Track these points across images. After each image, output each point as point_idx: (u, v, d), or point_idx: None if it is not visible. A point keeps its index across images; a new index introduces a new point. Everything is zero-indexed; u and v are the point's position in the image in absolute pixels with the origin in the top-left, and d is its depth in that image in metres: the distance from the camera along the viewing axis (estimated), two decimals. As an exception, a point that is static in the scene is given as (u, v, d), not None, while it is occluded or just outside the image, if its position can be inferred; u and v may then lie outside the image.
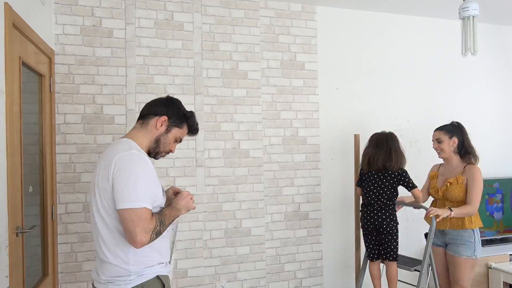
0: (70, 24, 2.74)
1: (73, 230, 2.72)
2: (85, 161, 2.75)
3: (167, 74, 2.94)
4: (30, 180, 2.19)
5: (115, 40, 2.83)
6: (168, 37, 2.94)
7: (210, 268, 3.01)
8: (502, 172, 3.84)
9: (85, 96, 2.76)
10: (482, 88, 3.82)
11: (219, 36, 3.06)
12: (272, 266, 3.17)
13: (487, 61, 3.82)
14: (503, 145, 3.88)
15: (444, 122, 3.80)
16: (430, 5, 3.36)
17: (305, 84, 3.27)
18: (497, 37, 3.89)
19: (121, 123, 2.83)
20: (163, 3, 2.94)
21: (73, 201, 2.72)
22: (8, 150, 1.78)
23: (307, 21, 3.29)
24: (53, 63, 2.66)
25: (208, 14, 3.04)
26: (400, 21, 3.56)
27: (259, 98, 3.15)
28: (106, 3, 2.82)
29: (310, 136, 3.28)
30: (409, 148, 3.54)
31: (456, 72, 3.71)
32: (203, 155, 3.01)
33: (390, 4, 3.33)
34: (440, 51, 3.65)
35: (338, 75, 3.37)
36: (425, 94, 3.62)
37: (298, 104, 3.25)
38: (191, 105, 2.98)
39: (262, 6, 3.17)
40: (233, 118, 3.08)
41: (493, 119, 3.86)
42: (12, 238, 1.80)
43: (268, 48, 3.18)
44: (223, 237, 3.04)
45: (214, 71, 3.05)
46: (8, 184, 1.78)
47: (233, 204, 3.07)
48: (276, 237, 3.17)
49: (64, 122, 2.72)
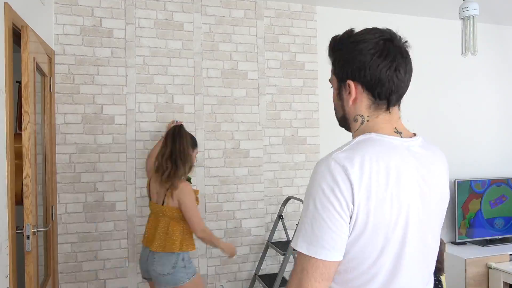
0: (70, 24, 2.74)
1: (73, 230, 2.72)
2: (85, 161, 2.75)
3: (167, 74, 2.94)
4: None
5: (115, 40, 2.83)
6: (168, 37, 2.94)
7: (210, 268, 3.01)
8: (503, 172, 3.84)
9: (85, 96, 2.76)
10: (482, 88, 3.82)
11: (219, 36, 3.06)
12: (272, 266, 3.17)
13: (487, 61, 3.82)
14: (503, 145, 3.88)
15: (444, 121, 3.80)
16: (430, 5, 3.36)
17: (305, 84, 3.27)
18: (497, 37, 3.89)
19: (121, 123, 2.83)
20: (163, 3, 2.94)
21: (73, 201, 2.72)
22: (8, 150, 1.78)
23: (307, 21, 3.29)
24: (53, 63, 2.66)
25: (208, 14, 3.04)
26: (400, 21, 3.56)
27: (259, 98, 3.15)
28: (106, 3, 2.82)
29: (310, 136, 3.28)
30: (409, 148, 3.54)
31: (456, 72, 3.71)
32: (203, 155, 3.01)
33: (390, 4, 3.33)
34: (440, 51, 3.65)
35: (338, 75, 3.36)
36: (425, 94, 3.62)
37: (298, 104, 3.25)
38: (191, 105, 2.98)
39: (262, 6, 3.17)
40: (233, 118, 3.08)
41: (493, 119, 3.86)
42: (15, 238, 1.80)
43: (268, 48, 3.18)
44: (223, 237, 3.04)
45: (214, 71, 3.05)
46: (9, 184, 1.78)
47: (233, 204, 3.07)
48: (275, 237, 3.17)
49: (64, 122, 2.72)
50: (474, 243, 3.61)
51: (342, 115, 1.09)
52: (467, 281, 3.25)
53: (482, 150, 3.81)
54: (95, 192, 2.75)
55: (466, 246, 3.57)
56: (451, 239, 3.65)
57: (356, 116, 1.04)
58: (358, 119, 1.05)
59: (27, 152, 1.90)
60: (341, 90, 1.05)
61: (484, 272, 3.38)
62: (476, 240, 3.60)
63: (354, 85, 1.01)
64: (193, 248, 2.30)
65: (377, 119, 1.02)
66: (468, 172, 3.73)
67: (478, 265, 3.30)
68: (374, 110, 1.02)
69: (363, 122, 1.04)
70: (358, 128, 1.05)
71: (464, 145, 3.73)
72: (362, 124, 1.04)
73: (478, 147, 3.79)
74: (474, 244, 3.60)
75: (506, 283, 3.30)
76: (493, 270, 3.36)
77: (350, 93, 1.02)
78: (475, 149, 3.77)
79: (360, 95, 1.02)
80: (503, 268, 3.31)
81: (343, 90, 1.04)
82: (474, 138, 3.78)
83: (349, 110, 1.06)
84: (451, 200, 3.61)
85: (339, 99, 1.08)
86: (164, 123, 2.89)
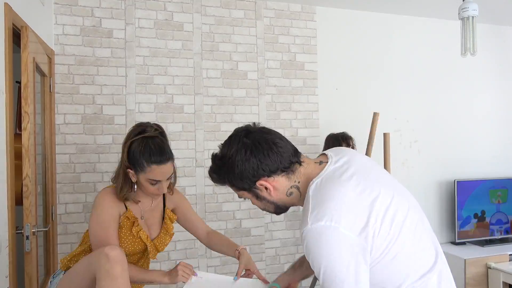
0: (70, 25, 2.74)
1: (73, 230, 2.72)
2: (85, 161, 2.75)
3: (167, 74, 2.94)
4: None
5: (115, 41, 2.83)
6: (168, 37, 2.95)
7: (210, 268, 3.01)
8: (502, 172, 3.84)
9: (85, 96, 2.76)
10: (481, 88, 3.82)
11: (218, 37, 3.07)
12: (272, 266, 3.17)
13: (487, 61, 3.82)
14: (502, 145, 3.88)
15: (443, 121, 3.79)
16: (430, 5, 3.36)
17: (304, 84, 3.27)
18: (496, 37, 3.89)
19: (121, 123, 2.83)
20: (163, 4, 2.94)
21: (73, 201, 2.72)
22: (8, 150, 1.78)
23: (306, 22, 3.29)
24: (53, 63, 2.66)
25: (208, 15, 3.04)
26: (400, 21, 3.57)
27: (258, 98, 3.15)
28: (106, 4, 2.82)
29: (310, 136, 3.28)
30: (409, 148, 3.54)
31: (456, 72, 3.71)
32: (202, 155, 3.01)
33: (390, 4, 3.34)
34: (439, 51, 3.65)
35: (338, 75, 3.37)
36: (425, 94, 3.62)
37: (298, 105, 3.25)
38: (191, 105, 2.98)
39: (261, 7, 3.18)
40: (233, 118, 3.08)
41: (493, 119, 3.86)
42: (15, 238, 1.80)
43: (268, 48, 3.19)
44: (223, 237, 3.04)
45: (214, 71, 3.05)
46: (8, 184, 1.78)
47: (233, 204, 3.07)
48: (275, 237, 3.18)
49: (64, 122, 2.72)
50: (473, 243, 3.61)
51: (277, 206, 1.21)
52: (467, 281, 3.25)
53: (482, 150, 3.81)
54: (95, 192, 2.75)
55: (466, 246, 3.57)
56: (450, 239, 3.65)
57: (288, 190, 1.17)
58: (293, 190, 1.18)
59: (27, 152, 1.90)
60: (256, 192, 1.18)
61: (484, 272, 3.38)
62: (475, 240, 3.60)
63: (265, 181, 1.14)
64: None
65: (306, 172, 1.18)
66: (468, 172, 3.73)
67: (478, 265, 3.30)
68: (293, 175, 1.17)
69: (298, 187, 1.17)
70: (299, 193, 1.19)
71: (464, 145, 3.73)
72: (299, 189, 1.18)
73: (478, 147, 3.79)
74: (473, 244, 3.60)
75: (505, 283, 3.30)
76: (492, 270, 3.36)
77: (267, 188, 1.15)
78: (474, 149, 3.77)
79: (274, 183, 1.15)
80: (502, 268, 3.31)
81: (259, 191, 1.16)
82: (473, 138, 3.78)
83: (277, 196, 1.18)
84: (451, 200, 3.62)
85: (259, 200, 1.20)
86: (164, 123, 2.89)
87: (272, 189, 1.14)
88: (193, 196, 2.96)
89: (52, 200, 2.61)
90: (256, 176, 1.12)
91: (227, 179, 1.16)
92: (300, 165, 1.16)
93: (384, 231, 1.03)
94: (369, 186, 1.07)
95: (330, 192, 1.05)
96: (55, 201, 2.66)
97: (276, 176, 1.13)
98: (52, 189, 2.61)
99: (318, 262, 1.00)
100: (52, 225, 2.59)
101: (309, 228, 1.01)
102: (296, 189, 1.16)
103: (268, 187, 1.13)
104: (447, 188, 3.65)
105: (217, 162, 1.18)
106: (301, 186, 1.15)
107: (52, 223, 2.60)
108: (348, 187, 1.06)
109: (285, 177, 1.14)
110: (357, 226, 1.01)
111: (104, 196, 1.65)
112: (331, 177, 1.10)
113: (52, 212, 2.59)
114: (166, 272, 1.64)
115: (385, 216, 1.03)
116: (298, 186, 1.15)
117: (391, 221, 1.04)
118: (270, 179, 1.13)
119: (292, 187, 1.15)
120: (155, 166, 1.55)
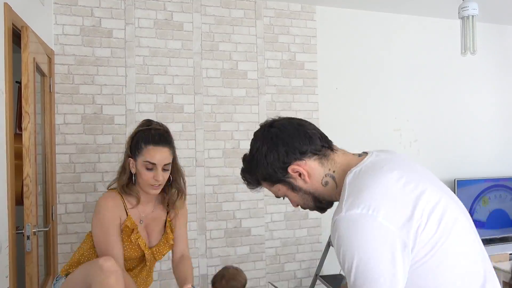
0: (69, 25, 2.74)
1: (73, 230, 2.72)
2: (85, 161, 2.75)
3: (167, 74, 2.94)
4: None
5: (114, 40, 2.83)
6: (168, 37, 2.95)
7: (210, 268, 3.01)
8: (502, 171, 3.84)
9: (85, 96, 2.76)
10: (481, 88, 3.82)
11: (218, 36, 3.06)
12: (272, 266, 3.17)
13: (487, 60, 3.82)
14: (503, 145, 3.88)
15: (443, 121, 3.80)
16: (430, 4, 3.36)
17: (304, 84, 3.27)
18: (496, 36, 3.89)
19: (120, 123, 2.83)
20: (163, 3, 2.94)
21: (73, 201, 2.72)
22: (8, 150, 1.78)
23: (306, 21, 3.29)
24: (53, 63, 2.66)
25: (208, 14, 3.04)
26: (400, 21, 3.57)
27: (258, 98, 3.15)
28: (106, 3, 2.82)
29: (309, 136, 3.27)
30: (408, 148, 3.54)
31: (456, 71, 3.71)
32: (202, 155, 3.01)
33: (389, 4, 3.33)
34: (439, 50, 3.65)
35: (338, 75, 3.37)
36: (425, 94, 3.62)
37: (298, 104, 3.25)
38: (191, 105, 2.98)
39: (261, 6, 3.18)
40: (233, 118, 3.08)
41: (493, 118, 3.86)
42: (15, 238, 1.80)
43: (267, 48, 3.18)
44: (223, 237, 3.04)
45: (213, 71, 3.05)
46: (9, 184, 1.78)
47: (233, 204, 3.07)
48: (276, 237, 3.18)
49: (64, 122, 2.72)
50: (474, 242, 3.61)
51: (315, 198, 1.10)
52: (467, 281, 3.25)
53: (482, 149, 3.81)
54: (95, 192, 2.75)
55: (466, 245, 3.57)
56: (451, 239, 3.65)
57: (323, 179, 1.07)
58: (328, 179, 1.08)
59: (27, 152, 1.90)
60: (291, 182, 1.08)
61: (484, 272, 3.37)
62: (476, 239, 3.60)
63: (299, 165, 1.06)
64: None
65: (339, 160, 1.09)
66: (468, 172, 3.73)
67: (478, 265, 3.30)
68: (327, 161, 1.07)
69: (334, 177, 1.07)
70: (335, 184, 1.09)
71: (464, 144, 3.73)
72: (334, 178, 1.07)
73: (478, 146, 3.79)
74: (474, 244, 3.59)
75: (506, 282, 3.30)
76: (493, 270, 3.36)
77: (301, 173, 1.05)
78: (475, 148, 3.77)
79: (307, 167, 1.06)
80: (502, 268, 3.31)
81: (293, 180, 1.07)
82: (474, 138, 3.78)
83: (314, 186, 1.08)
84: (451, 200, 3.61)
85: (296, 192, 1.09)
86: (164, 123, 2.87)
87: (306, 174, 1.04)
88: (193, 196, 2.96)
89: (52, 200, 2.61)
90: (287, 161, 1.03)
91: (259, 175, 1.08)
92: (332, 151, 1.08)
93: (430, 229, 0.88)
94: (415, 180, 0.94)
95: (370, 180, 0.93)
96: (55, 201, 2.66)
97: (308, 159, 1.04)
98: (52, 189, 2.61)
99: (350, 255, 0.87)
100: (52, 225, 2.59)
101: (342, 216, 0.89)
102: (331, 178, 1.05)
103: (301, 172, 1.04)
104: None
105: (247, 160, 1.11)
106: (336, 176, 1.05)
107: (52, 223, 2.60)
108: (391, 178, 0.93)
109: (317, 162, 1.05)
110: (399, 218, 0.87)
111: (106, 200, 1.69)
112: (371, 168, 0.98)
113: (52, 212, 2.59)
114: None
115: (432, 213, 0.89)
116: (333, 175, 1.05)
117: (439, 220, 0.90)
118: (302, 162, 1.04)
119: (327, 176, 1.05)
120: (151, 147, 1.63)
